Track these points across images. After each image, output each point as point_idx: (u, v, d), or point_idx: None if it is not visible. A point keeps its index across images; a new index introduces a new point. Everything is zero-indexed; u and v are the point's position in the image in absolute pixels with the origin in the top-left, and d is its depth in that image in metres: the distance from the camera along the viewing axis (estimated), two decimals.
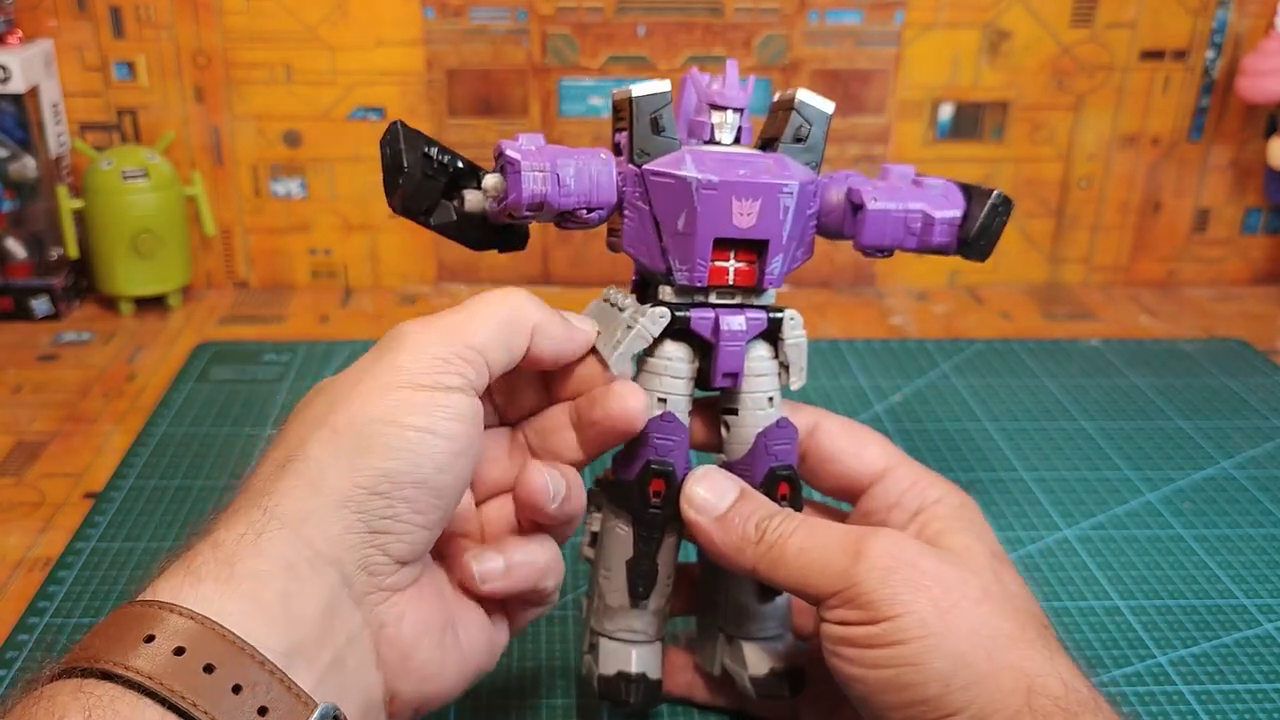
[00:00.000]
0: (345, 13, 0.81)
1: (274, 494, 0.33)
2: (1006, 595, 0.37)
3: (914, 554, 0.36)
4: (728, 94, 0.40)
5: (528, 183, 0.38)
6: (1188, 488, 0.63)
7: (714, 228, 0.39)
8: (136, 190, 0.79)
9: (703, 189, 0.38)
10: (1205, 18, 0.84)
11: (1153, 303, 0.89)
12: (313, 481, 0.33)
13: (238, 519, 0.33)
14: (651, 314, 0.40)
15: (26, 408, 0.69)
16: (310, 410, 0.36)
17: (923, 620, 0.35)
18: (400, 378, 0.35)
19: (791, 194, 0.39)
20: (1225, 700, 0.47)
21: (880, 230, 0.41)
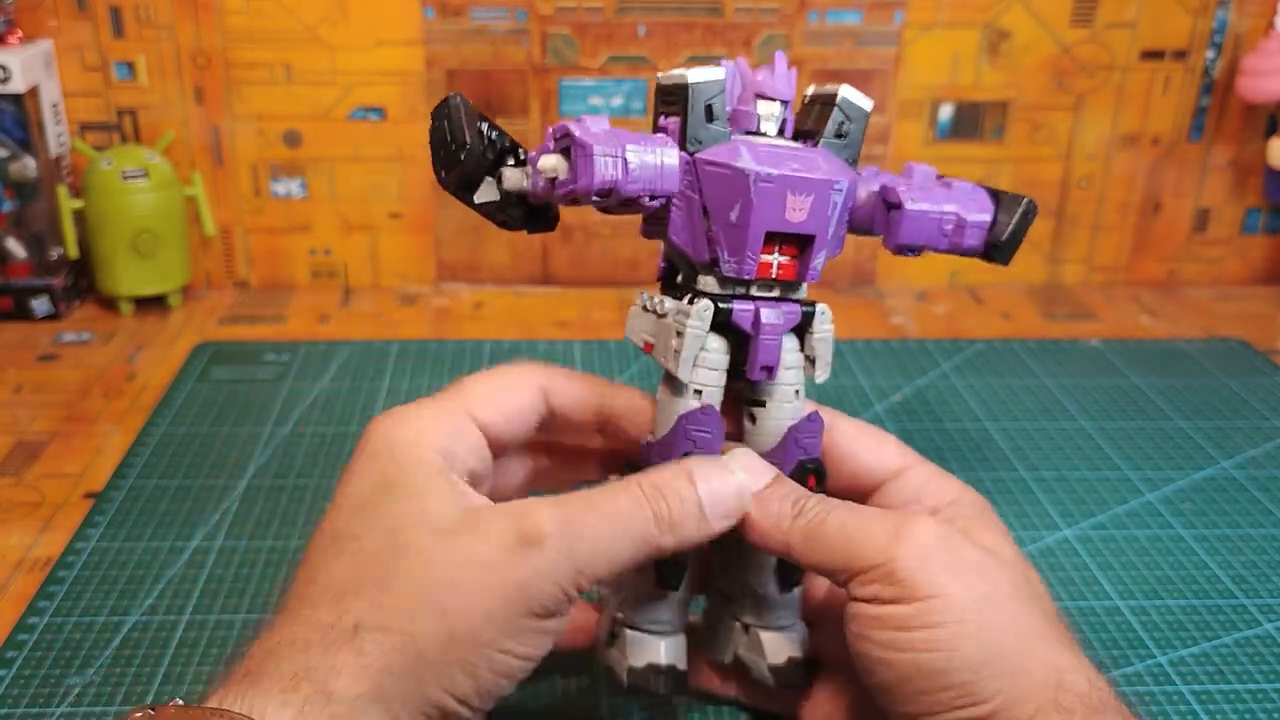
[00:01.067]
0: (345, 13, 0.81)
1: (387, 677, 0.33)
2: (1035, 593, 0.37)
3: (955, 540, 0.36)
4: (777, 85, 0.40)
5: (600, 168, 0.36)
6: (1188, 488, 0.63)
7: (767, 221, 0.38)
8: (136, 190, 0.79)
9: (760, 182, 0.38)
10: (1205, 18, 0.84)
11: (1153, 303, 0.89)
12: (418, 679, 0.34)
13: (346, 678, 0.33)
14: (696, 310, 0.39)
15: (26, 408, 0.69)
16: (422, 581, 0.35)
17: (961, 605, 0.35)
18: (527, 604, 0.35)
19: (842, 191, 0.39)
20: (1225, 700, 0.47)
21: (916, 231, 0.41)
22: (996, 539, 0.39)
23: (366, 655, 0.33)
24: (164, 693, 0.46)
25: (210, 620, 0.51)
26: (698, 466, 0.38)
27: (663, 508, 0.36)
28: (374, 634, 0.34)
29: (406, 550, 0.35)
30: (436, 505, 0.36)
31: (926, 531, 0.36)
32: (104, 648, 0.49)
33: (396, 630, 0.34)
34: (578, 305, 0.85)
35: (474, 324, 0.83)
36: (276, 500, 0.60)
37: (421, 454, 0.38)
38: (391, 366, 0.75)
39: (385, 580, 0.35)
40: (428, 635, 0.34)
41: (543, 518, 0.35)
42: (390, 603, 0.34)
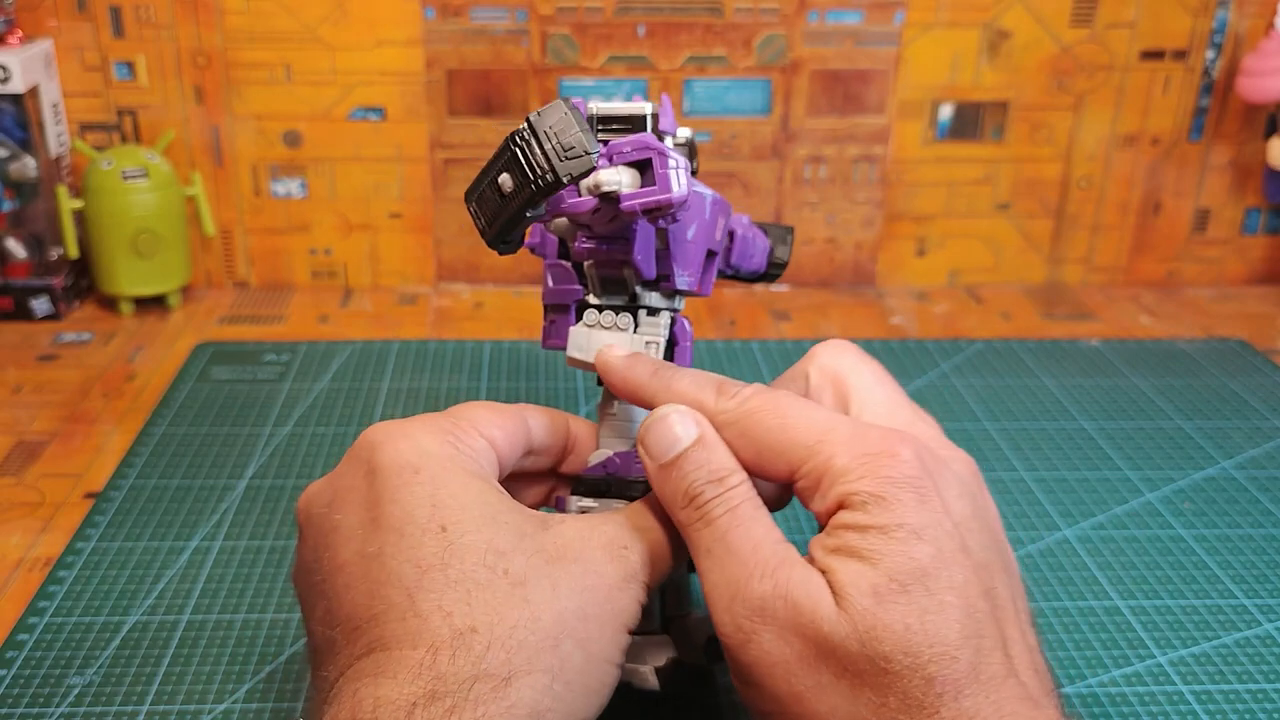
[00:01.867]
0: (345, 13, 0.81)
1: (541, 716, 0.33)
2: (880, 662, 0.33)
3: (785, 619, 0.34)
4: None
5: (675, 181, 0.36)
6: (1188, 488, 0.63)
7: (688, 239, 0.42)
8: (136, 190, 0.79)
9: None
10: (1205, 18, 0.84)
11: (1153, 303, 0.89)
12: (569, 711, 0.33)
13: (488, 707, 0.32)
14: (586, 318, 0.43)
15: (26, 408, 0.69)
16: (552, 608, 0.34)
17: (777, 698, 0.35)
18: (629, 622, 0.36)
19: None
20: (1225, 700, 0.47)
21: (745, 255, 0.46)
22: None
23: (515, 700, 0.32)
24: (164, 693, 0.47)
25: (210, 620, 0.51)
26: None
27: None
28: (526, 679, 0.32)
29: (526, 580, 0.34)
30: (526, 524, 0.36)
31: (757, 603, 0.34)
32: (104, 648, 0.49)
33: (544, 668, 0.33)
34: None
35: (474, 324, 0.83)
36: (276, 500, 0.60)
37: (465, 467, 0.37)
38: (391, 366, 0.75)
39: (512, 613, 0.33)
40: (571, 663, 0.33)
41: (628, 538, 0.37)
42: (532, 638, 0.33)
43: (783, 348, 0.78)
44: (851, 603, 0.33)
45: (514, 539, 0.35)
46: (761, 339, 0.80)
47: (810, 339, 0.79)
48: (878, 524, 0.34)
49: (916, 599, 0.33)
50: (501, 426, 0.40)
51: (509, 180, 0.35)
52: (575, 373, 0.74)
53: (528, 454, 0.42)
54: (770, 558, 0.35)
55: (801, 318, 0.84)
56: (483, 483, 0.37)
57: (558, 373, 0.74)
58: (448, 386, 0.72)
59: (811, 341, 0.79)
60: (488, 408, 0.41)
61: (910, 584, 0.33)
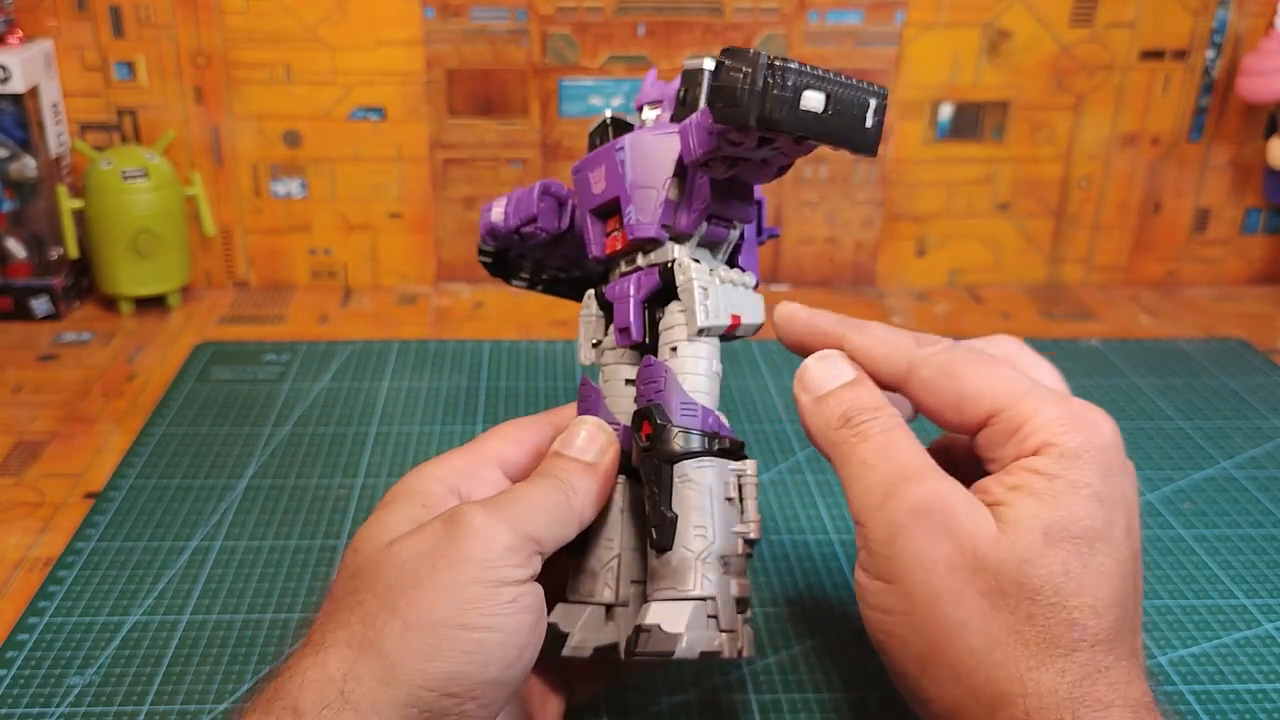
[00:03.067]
0: (345, 13, 0.81)
1: (350, 680, 0.34)
2: (1029, 592, 0.34)
3: (939, 522, 0.35)
4: (644, 92, 0.46)
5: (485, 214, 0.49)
6: (1188, 488, 0.63)
7: (587, 202, 0.44)
8: (136, 190, 0.79)
9: (574, 174, 0.45)
10: (1205, 18, 0.84)
11: (1153, 303, 0.89)
12: (383, 677, 0.34)
13: (310, 691, 0.34)
14: (585, 298, 0.45)
15: (26, 408, 0.69)
16: (377, 586, 0.36)
17: (911, 595, 0.35)
18: (470, 573, 0.35)
19: (623, 149, 0.42)
20: (1225, 700, 0.47)
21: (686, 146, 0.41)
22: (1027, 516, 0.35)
23: (330, 667, 0.34)
24: (164, 693, 0.46)
25: (210, 620, 0.51)
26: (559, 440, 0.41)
27: (555, 478, 0.39)
28: (336, 646, 0.35)
29: (362, 568, 0.37)
30: (397, 523, 0.38)
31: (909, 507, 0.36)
32: (104, 648, 0.49)
33: (356, 638, 0.35)
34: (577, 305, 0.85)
35: (474, 324, 0.83)
36: (276, 500, 0.60)
37: (411, 487, 0.40)
38: (391, 366, 0.75)
39: (348, 600, 0.36)
40: (385, 633, 0.34)
41: (464, 505, 0.37)
42: (349, 617, 0.35)
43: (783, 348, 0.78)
44: (1018, 532, 0.35)
45: (377, 540, 0.38)
46: (761, 339, 0.80)
47: None
48: (1068, 476, 0.36)
49: (1081, 551, 0.35)
50: (519, 442, 0.43)
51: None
52: (575, 372, 0.74)
53: None
54: (930, 470, 0.37)
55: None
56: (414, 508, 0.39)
57: (557, 372, 0.74)
58: (448, 386, 0.72)
59: None
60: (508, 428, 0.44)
61: (1080, 537, 0.35)
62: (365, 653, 0.34)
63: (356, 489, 0.61)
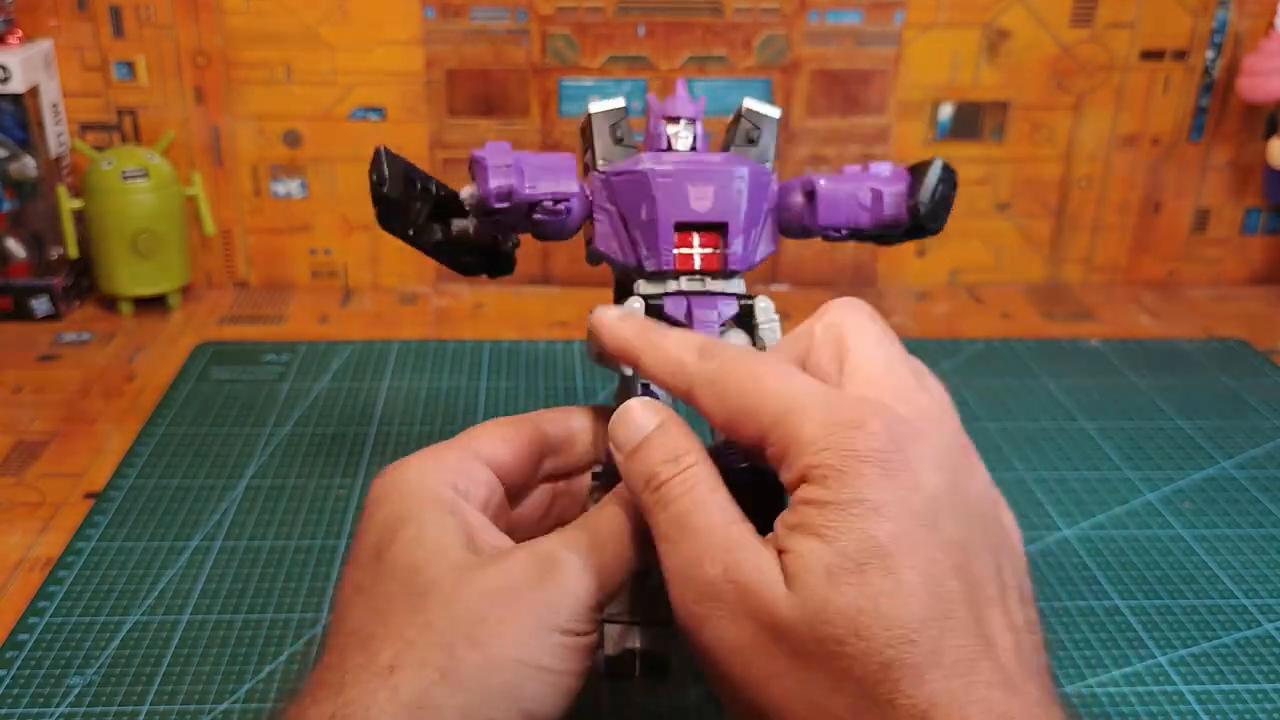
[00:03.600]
0: (345, 13, 0.81)
1: (428, 708, 0.33)
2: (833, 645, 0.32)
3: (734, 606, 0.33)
4: (678, 106, 0.44)
5: (494, 176, 0.41)
6: (1188, 488, 0.63)
7: (673, 212, 0.42)
8: (136, 190, 0.79)
9: (659, 177, 0.42)
10: (1205, 18, 0.84)
11: (1153, 303, 0.89)
12: (463, 709, 0.33)
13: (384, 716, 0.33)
14: (629, 305, 0.42)
15: (26, 408, 0.69)
16: (455, 612, 0.35)
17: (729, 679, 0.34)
18: (555, 622, 0.35)
19: (743, 178, 0.43)
20: (1225, 700, 0.47)
21: (833, 209, 0.44)
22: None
23: (402, 693, 0.33)
24: (164, 693, 0.47)
25: (210, 620, 0.51)
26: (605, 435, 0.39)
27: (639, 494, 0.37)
28: (409, 670, 0.33)
29: (430, 589, 0.35)
30: (452, 541, 0.37)
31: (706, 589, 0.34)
32: (104, 648, 0.49)
33: (433, 665, 0.33)
34: (577, 305, 0.85)
35: (474, 324, 0.83)
36: (276, 500, 0.60)
37: (429, 491, 0.38)
38: (391, 366, 0.75)
39: (413, 619, 0.35)
40: (465, 664, 0.34)
41: (557, 544, 0.36)
42: (422, 640, 0.34)
43: None
44: (803, 583, 0.32)
45: (439, 559, 0.36)
46: None
47: None
48: (837, 500, 0.32)
49: (871, 579, 0.31)
50: (508, 441, 0.42)
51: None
52: (575, 371, 0.74)
53: (549, 457, 0.43)
54: (723, 540, 0.34)
55: (801, 318, 0.83)
56: (444, 507, 0.38)
57: (557, 372, 0.74)
58: (448, 386, 0.72)
59: None
60: (495, 427, 0.42)
61: (866, 563, 0.31)
62: (445, 682, 0.33)
63: (356, 489, 0.61)
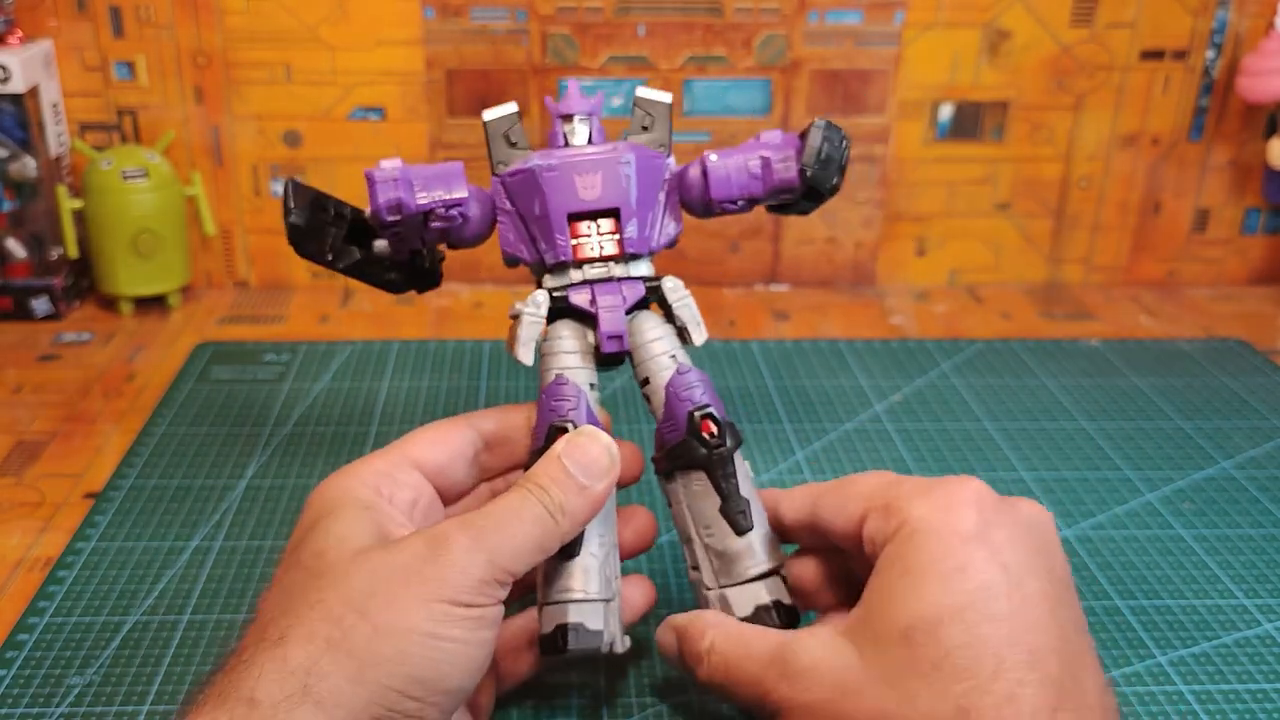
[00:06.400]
0: (345, 13, 0.81)
1: (315, 675, 0.35)
2: (908, 702, 0.35)
3: (807, 699, 0.37)
4: (571, 103, 0.46)
5: (382, 191, 0.43)
6: (1188, 488, 0.63)
7: (563, 203, 0.44)
8: (136, 190, 0.79)
9: (545, 172, 0.44)
10: (1205, 18, 0.84)
11: (1153, 303, 0.89)
12: (351, 676, 0.35)
13: (269, 683, 0.35)
14: (533, 298, 0.45)
15: (26, 408, 0.69)
16: (345, 590, 0.37)
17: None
18: (444, 594, 0.37)
19: (629, 163, 0.45)
20: (1225, 700, 0.47)
21: (725, 182, 0.46)
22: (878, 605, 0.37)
23: (291, 660, 0.35)
24: (164, 693, 0.46)
25: (210, 620, 0.51)
26: (561, 445, 0.41)
27: (546, 498, 0.39)
28: (298, 642, 0.35)
29: (326, 571, 0.38)
30: (359, 533, 0.39)
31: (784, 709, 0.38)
32: (104, 648, 0.49)
33: (321, 635, 0.36)
34: None
35: (473, 324, 0.83)
36: (276, 500, 0.60)
37: (348, 492, 0.41)
38: (391, 366, 0.75)
39: (308, 598, 0.37)
40: (354, 634, 0.35)
41: (448, 529, 0.38)
42: (313, 614, 0.36)
43: (782, 348, 0.78)
44: (881, 648, 0.36)
45: (341, 546, 0.38)
46: (761, 339, 0.80)
47: (810, 339, 0.79)
48: (919, 555, 0.37)
49: (950, 636, 0.35)
50: (440, 443, 0.44)
51: None
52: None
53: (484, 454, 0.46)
54: (768, 671, 0.39)
55: (801, 318, 0.84)
56: (358, 505, 0.40)
57: None
58: (447, 386, 0.72)
59: (812, 341, 0.79)
60: (429, 430, 0.45)
61: (945, 623, 0.35)
62: (332, 650, 0.35)
63: None
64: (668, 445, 0.45)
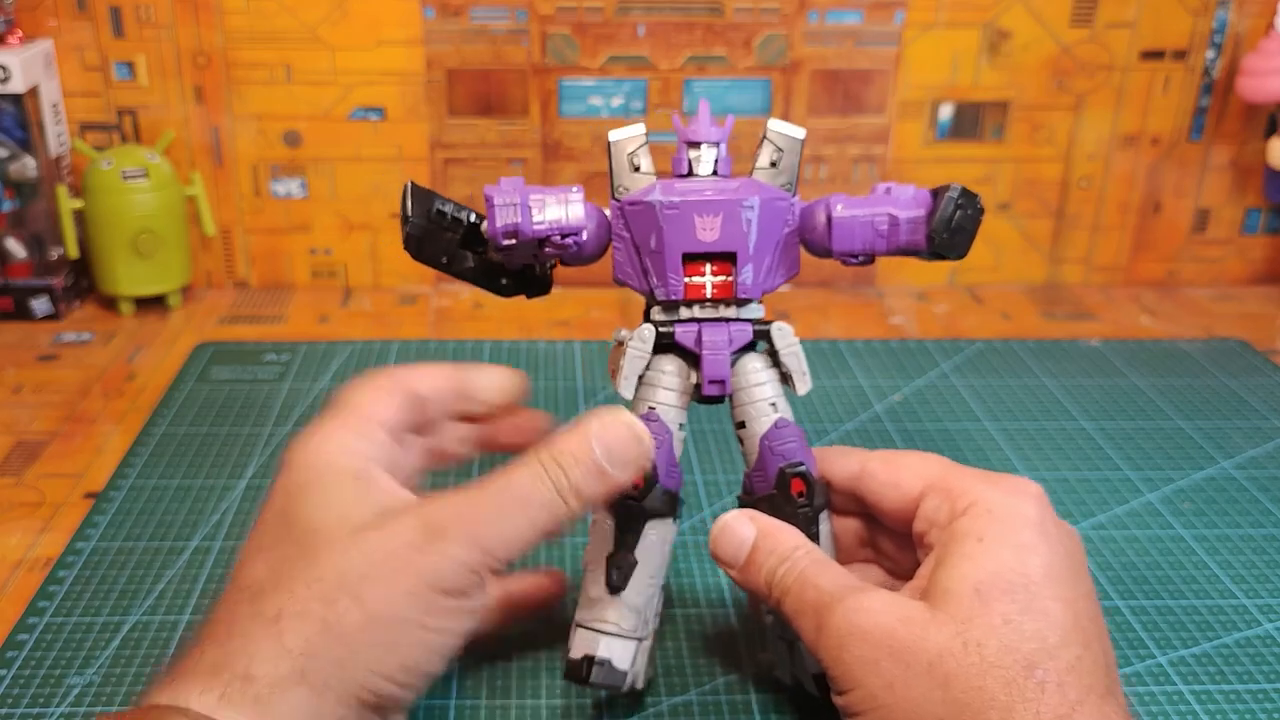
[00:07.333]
0: (345, 13, 0.81)
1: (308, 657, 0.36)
2: (974, 648, 0.36)
3: (868, 625, 0.37)
4: (699, 130, 0.44)
5: (501, 216, 0.41)
6: (1188, 488, 0.63)
7: (680, 243, 0.43)
8: (136, 190, 0.79)
9: (665, 209, 0.42)
10: (1205, 18, 0.84)
11: (1153, 303, 0.89)
12: (341, 660, 0.36)
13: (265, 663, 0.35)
14: (639, 333, 0.44)
15: (26, 408, 0.69)
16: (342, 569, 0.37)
17: (872, 695, 0.36)
18: (436, 584, 0.37)
19: (753, 208, 0.43)
20: (1225, 700, 0.47)
21: (849, 235, 0.43)
22: (961, 575, 0.37)
23: (287, 640, 0.36)
24: None
25: None
26: (592, 421, 0.40)
27: (561, 478, 0.39)
28: (294, 620, 0.36)
29: (322, 548, 0.38)
30: (351, 504, 0.39)
31: (838, 626, 0.38)
32: (104, 648, 0.49)
33: (316, 617, 0.36)
34: (577, 305, 0.85)
35: (474, 324, 0.83)
36: None
37: (331, 455, 0.41)
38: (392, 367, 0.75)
39: (303, 574, 0.37)
40: (347, 619, 0.36)
41: (446, 514, 0.38)
42: (309, 593, 0.37)
43: None
44: (951, 600, 0.36)
45: (341, 523, 0.38)
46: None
47: (810, 339, 0.79)
48: (995, 531, 0.38)
49: (1019, 599, 0.36)
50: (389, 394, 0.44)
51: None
52: (575, 370, 0.74)
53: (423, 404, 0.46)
54: (841, 590, 0.38)
55: (801, 318, 0.84)
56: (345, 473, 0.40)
57: (557, 371, 0.74)
58: None
59: (812, 342, 0.79)
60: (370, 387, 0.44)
61: (1016, 585, 0.36)
62: (326, 634, 0.36)
63: None
64: (756, 494, 0.45)
